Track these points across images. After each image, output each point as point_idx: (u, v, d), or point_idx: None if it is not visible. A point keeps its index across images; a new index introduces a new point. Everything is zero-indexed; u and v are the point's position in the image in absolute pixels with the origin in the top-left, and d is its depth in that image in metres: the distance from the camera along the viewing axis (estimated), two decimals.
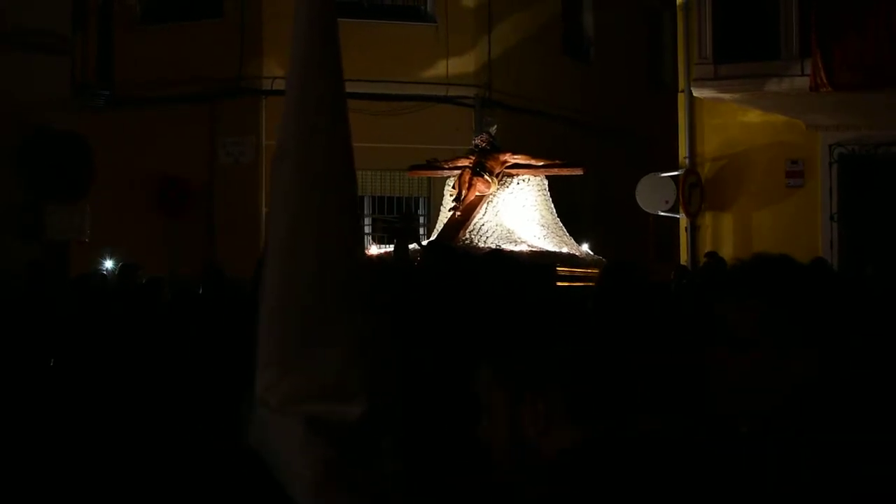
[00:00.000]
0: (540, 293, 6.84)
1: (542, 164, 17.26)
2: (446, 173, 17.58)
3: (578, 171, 17.47)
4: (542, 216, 17.16)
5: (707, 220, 19.27)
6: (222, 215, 20.28)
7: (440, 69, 21.10)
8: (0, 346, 8.08)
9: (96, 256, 17.01)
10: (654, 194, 19.01)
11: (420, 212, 20.59)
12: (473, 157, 17.06)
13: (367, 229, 21.34)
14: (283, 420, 2.46)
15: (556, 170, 17.31)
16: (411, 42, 21.41)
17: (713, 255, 15.86)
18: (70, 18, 16.46)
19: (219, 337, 7.76)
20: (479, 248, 15.58)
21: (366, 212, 21.44)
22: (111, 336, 8.56)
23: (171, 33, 20.94)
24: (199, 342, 7.96)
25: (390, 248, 16.51)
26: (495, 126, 17.63)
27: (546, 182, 17.32)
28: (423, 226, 18.39)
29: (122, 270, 14.27)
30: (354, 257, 2.66)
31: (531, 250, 15.98)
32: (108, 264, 17.80)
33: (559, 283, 11.80)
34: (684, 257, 19.04)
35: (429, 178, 19.21)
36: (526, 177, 17.21)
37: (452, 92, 20.97)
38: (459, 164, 17.19)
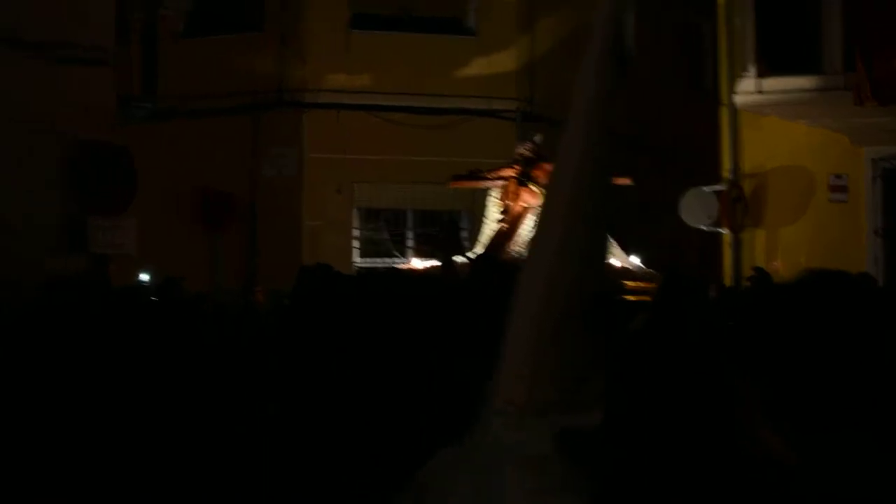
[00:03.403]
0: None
1: None
2: (488, 183, 17.37)
3: (626, 181, 17.17)
4: None
5: (751, 234, 19.18)
6: (265, 227, 20.34)
7: (481, 82, 21.10)
8: (40, 358, 8.04)
9: (139, 269, 17.05)
10: (697, 208, 18.93)
11: (463, 225, 20.53)
12: (518, 167, 16.84)
13: (409, 243, 21.38)
14: (526, 430, 2.52)
15: None
16: (452, 55, 21.43)
17: (760, 270, 15.73)
18: (114, 31, 16.56)
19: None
20: None
21: (409, 225, 21.48)
22: (152, 347, 8.53)
23: (213, 46, 21.02)
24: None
25: (434, 262, 16.43)
26: (540, 135, 17.44)
27: None
28: (467, 239, 18.36)
29: (164, 284, 14.29)
30: (603, 272, 2.75)
31: None
32: (146, 277, 17.80)
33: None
34: (728, 272, 18.96)
35: (472, 191, 19.09)
36: None
37: (494, 105, 20.96)
38: (503, 175, 16.98)
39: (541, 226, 2.74)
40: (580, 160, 2.69)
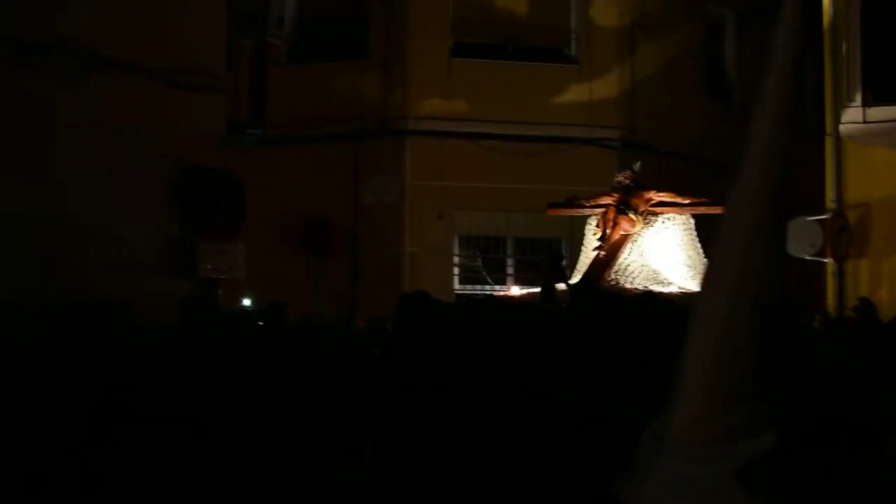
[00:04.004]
0: None
1: (687, 202, 16.79)
2: (586, 211, 17.34)
3: (720, 210, 16.90)
4: (689, 256, 16.70)
5: (854, 264, 18.96)
6: (366, 255, 20.43)
7: (582, 110, 21.11)
8: (153, 380, 8.14)
9: (244, 294, 17.16)
10: (800, 238, 18.72)
11: (563, 252, 20.49)
12: (616, 195, 16.76)
13: (509, 270, 21.39)
14: (707, 468, 2.53)
15: (702, 208, 16.76)
16: (554, 83, 21.45)
17: (865, 301, 15.54)
18: (225, 57, 16.72)
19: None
20: (626, 289, 15.31)
21: (508, 252, 21.49)
22: (264, 370, 8.61)
23: (317, 73, 21.22)
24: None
25: (534, 289, 16.41)
26: (639, 163, 17.39)
27: (692, 221, 16.88)
28: (567, 267, 18.32)
29: (269, 308, 14.35)
30: (780, 298, 2.75)
31: (682, 292, 15.46)
32: (248, 301, 17.88)
33: None
34: (830, 302, 18.75)
35: (570, 218, 19.06)
36: (671, 215, 16.84)
37: (595, 133, 20.97)
38: (601, 202, 16.90)
39: (716, 260, 2.73)
40: (758, 200, 2.66)
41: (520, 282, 19.87)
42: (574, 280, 16.33)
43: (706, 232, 16.66)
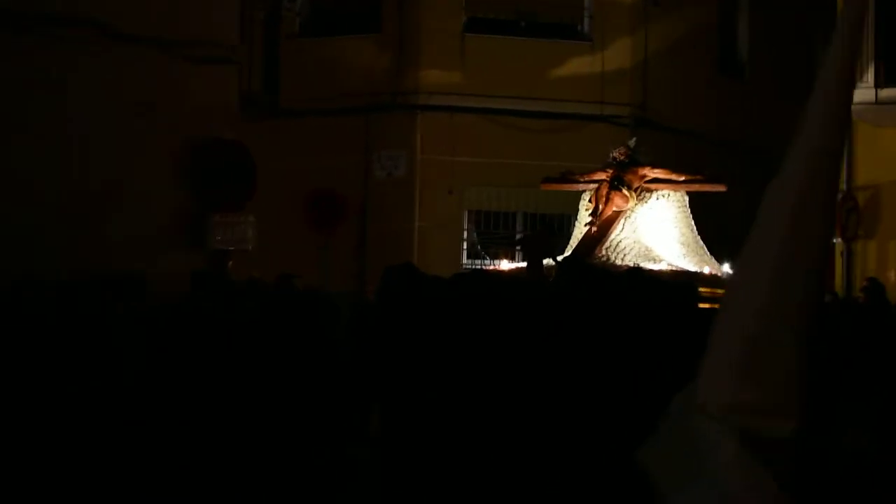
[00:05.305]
0: (682, 314, 6.72)
1: (682, 179, 16.57)
2: (581, 187, 17.21)
3: (721, 188, 16.77)
4: (682, 234, 16.57)
5: (863, 245, 18.95)
6: (375, 229, 20.46)
7: (594, 87, 21.08)
8: (164, 352, 8.18)
9: (254, 266, 17.13)
10: None
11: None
12: (611, 171, 16.65)
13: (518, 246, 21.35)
14: (719, 429, 2.57)
15: (696, 185, 16.72)
16: (566, 60, 21.43)
17: (873, 281, 15.53)
18: (238, 29, 16.67)
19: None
20: (616, 265, 15.23)
21: (518, 228, 21.48)
22: (271, 342, 8.63)
23: (330, 46, 21.24)
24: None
25: (523, 263, 16.40)
26: (634, 139, 17.33)
27: (686, 198, 16.75)
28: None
29: (279, 280, 14.34)
30: (821, 283, 2.76)
31: (672, 269, 15.40)
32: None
33: (701, 305, 11.41)
34: (839, 283, 18.74)
35: (580, 195, 19.00)
36: (665, 192, 16.63)
37: (607, 111, 20.95)
38: (596, 178, 16.74)
39: (759, 235, 2.75)
40: (809, 175, 2.69)
41: (508, 256, 19.83)
42: (564, 256, 16.22)
43: (700, 209, 16.69)
